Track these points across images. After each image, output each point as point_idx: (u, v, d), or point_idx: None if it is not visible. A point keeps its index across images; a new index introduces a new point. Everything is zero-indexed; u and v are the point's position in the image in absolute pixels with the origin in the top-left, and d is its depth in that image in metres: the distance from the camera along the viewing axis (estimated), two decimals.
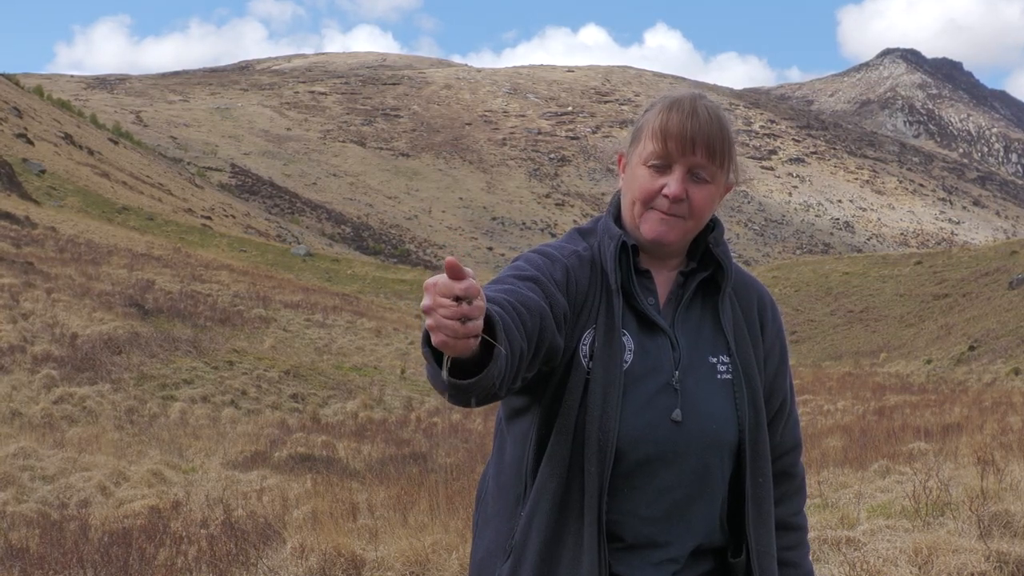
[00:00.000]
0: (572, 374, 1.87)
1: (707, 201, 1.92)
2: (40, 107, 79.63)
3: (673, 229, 1.91)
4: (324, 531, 6.40)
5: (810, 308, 46.68)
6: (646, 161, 1.92)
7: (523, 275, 1.83)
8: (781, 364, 2.04)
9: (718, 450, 1.90)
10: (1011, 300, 33.37)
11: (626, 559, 1.89)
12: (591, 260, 1.94)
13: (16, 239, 29.30)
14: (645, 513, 1.88)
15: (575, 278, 1.90)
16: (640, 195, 1.92)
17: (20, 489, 9.59)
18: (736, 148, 1.96)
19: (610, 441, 1.84)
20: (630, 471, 1.87)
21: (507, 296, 1.71)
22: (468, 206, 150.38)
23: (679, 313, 1.95)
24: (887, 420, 14.69)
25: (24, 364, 16.39)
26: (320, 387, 19.93)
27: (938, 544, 5.30)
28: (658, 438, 1.87)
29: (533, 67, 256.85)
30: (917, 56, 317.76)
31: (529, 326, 1.71)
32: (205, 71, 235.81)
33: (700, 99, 1.92)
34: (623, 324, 1.90)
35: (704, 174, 1.91)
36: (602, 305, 1.90)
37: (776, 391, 2.03)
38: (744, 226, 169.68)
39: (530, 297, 1.75)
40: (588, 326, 1.89)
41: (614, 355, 1.87)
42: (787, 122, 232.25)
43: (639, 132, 1.96)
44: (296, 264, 50.21)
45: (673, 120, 1.89)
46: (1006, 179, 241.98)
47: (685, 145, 1.89)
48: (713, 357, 1.94)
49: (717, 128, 1.90)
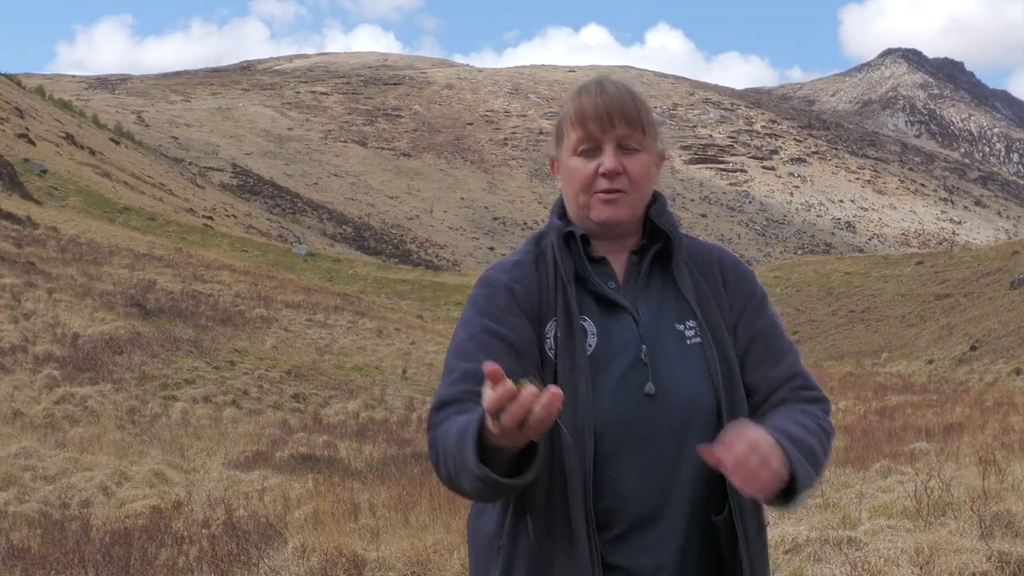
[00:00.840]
0: (543, 368, 1.90)
1: (643, 170, 1.95)
2: (42, 107, 79.72)
3: (620, 207, 1.94)
4: (325, 531, 6.40)
5: (811, 308, 46.67)
6: (575, 150, 1.96)
7: (483, 344, 1.87)
8: (747, 306, 2.00)
9: (697, 415, 1.88)
10: (1012, 300, 33.34)
11: (621, 549, 1.87)
12: (535, 261, 1.98)
13: (18, 239, 29.32)
14: (635, 495, 1.86)
15: (522, 287, 1.94)
16: (579, 184, 1.95)
17: (22, 489, 9.59)
18: (655, 117, 2.00)
19: (586, 427, 1.84)
20: (613, 454, 1.86)
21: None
22: (469, 206, 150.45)
23: (639, 290, 1.96)
24: (888, 420, 14.69)
25: (26, 364, 16.39)
26: (321, 387, 19.93)
27: (939, 544, 5.30)
28: (634, 415, 1.86)
29: (534, 67, 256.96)
30: (919, 56, 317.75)
31: None
32: (206, 71, 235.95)
33: (606, 79, 1.99)
34: (582, 310, 1.92)
35: (632, 143, 1.95)
36: (559, 297, 1.93)
37: (744, 329, 1.99)
38: (745, 226, 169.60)
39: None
40: (550, 318, 1.93)
41: (575, 341, 1.88)
42: (788, 122, 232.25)
43: (560, 129, 2.01)
44: (297, 264, 50.24)
45: (586, 102, 1.94)
46: (1007, 179, 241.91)
47: (603, 121, 1.93)
48: (680, 324, 1.94)
49: (629, 98, 1.95)
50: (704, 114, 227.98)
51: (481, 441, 1.65)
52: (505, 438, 1.60)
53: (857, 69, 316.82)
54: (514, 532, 1.88)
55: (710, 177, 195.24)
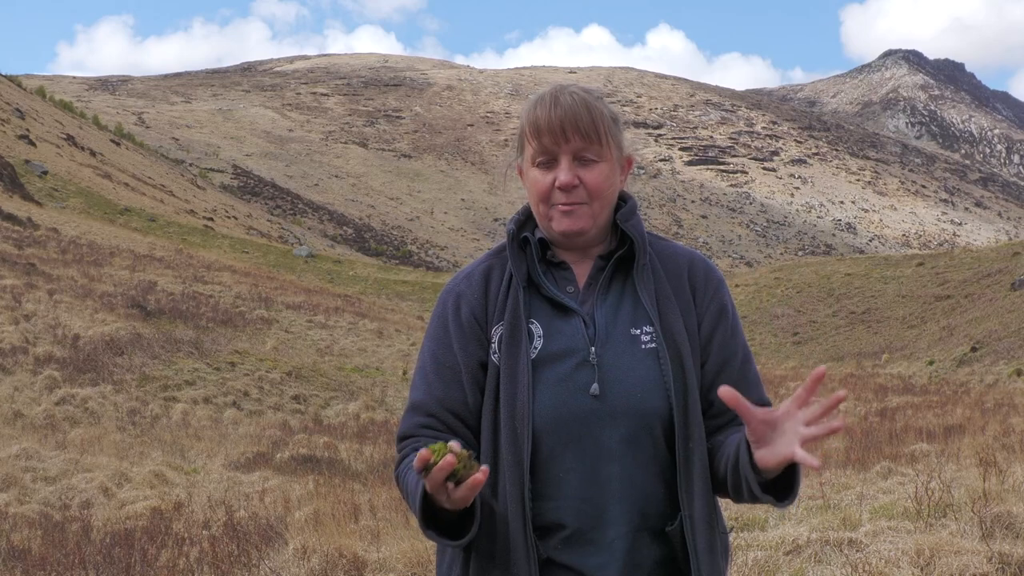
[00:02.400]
0: (489, 371, 1.94)
1: (602, 180, 1.95)
2: (42, 108, 79.75)
3: (579, 218, 1.95)
4: (326, 532, 6.41)
5: (812, 309, 46.66)
6: (533, 162, 1.98)
7: (429, 375, 1.98)
8: (719, 323, 2.00)
9: (646, 419, 1.89)
10: (1013, 301, 33.33)
11: (571, 548, 1.88)
12: (488, 270, 2.02)
13: (18, 240, 29.32)
14: (585, 494, 1.88)
15: (467, 299, 2.00)
16: (538, 195, 1.97)
17: (22, 490, 9.59)
18: (613, 123, 1.99)
19: (525, 427, 1.87)
20: (558, 454, 1.88)
21: (455, 430, 1.95)
22: (470, 207, 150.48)
23: (599, 295, 1.98)
24: (889, 421, 14.69)
25: (26, 365, 16.39)
26: (322, 388, 19.94)
27: (940, 545, 5.30)
28: (578, 414, 1.88)
29: (535, 68, 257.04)
30: (919, 57, 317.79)
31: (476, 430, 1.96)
32: (207, 72, 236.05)
33: (563, 89, 1.98)
34: (533, 314, 1.95)
35: (590, 155, 1.94)
36: (508, 301, 1.96)
37: (717, 350, 1.98)
38: (746, 227, 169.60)
39: (458, 405, 1.96)
40: (496, 323, 1.96)
41: (519, 344, 1.92)
42: (789, 123, 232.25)
43: (521, 138, 2.03)
44: (298, 265, 50.24)
45: (540, 116, 1.95)
46: (1008, 180, 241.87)
47: (557, 135, 1.93)
48: (636, 329, 1.94)
49: (584, 110, 1.94)
50: (705, 115, 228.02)
51: (428, 501, 1.79)
52: (442, 499, 1.74)
53: (858, 70, 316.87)
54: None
55: (711, 178, 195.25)
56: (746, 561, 5.62)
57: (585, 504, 1.88)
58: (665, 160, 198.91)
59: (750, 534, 6.49)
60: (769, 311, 47.05)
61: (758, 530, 6.66)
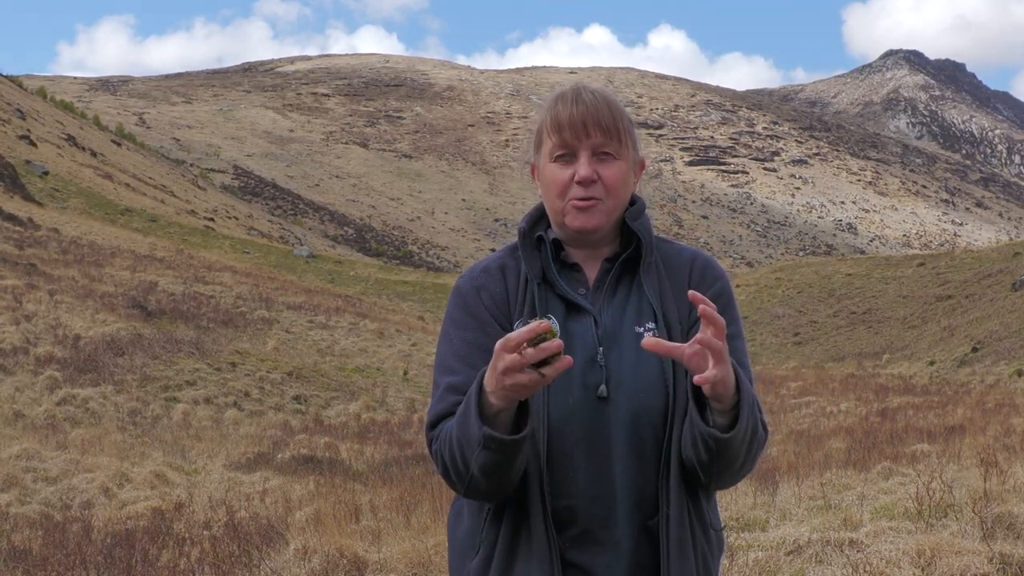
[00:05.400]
0: None
1: (619, 177, 1.99)
2: (43, 109, 79.77)
3: (594, 215, 1.98)
4: (327, 533, 6.41)
5: (813, 310, 46.67)
6: (552, 156, 2.00)
7: (464, 357, 1.97)
8: (733, 334, 1.98)
9: (649, 418, 1.92)
10: (1014, 302, 33.32)
11: (581, 547, 1.91)
12: (503, 267, 2.05)
13: (19, 241, 29.33)
14: (590, 494, 1.91)
15: (489, 292, 2.02)
16: (556, 190, 2.00)
17: (23, 490, 9.60)
18: (632, 125, 2.03)
19: (540, 425, 1.89)
20: (569, 453, 1.91)
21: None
22: (471, 207, 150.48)
23: (607, 294, 2.01)
24: (890, 422, 14.69)
25: (27, 366, 16.40)
26: (323, 389, 19.94)
27: (941, 546, 5.30)
28: (586, 416, 1.91)
29: (536, 69, 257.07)
30: (920, 57, 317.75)
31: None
32: (208, 73, 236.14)
33: (583, 87, 2.03)
34: (549, 312, 1.98)
35: (608, 151, 1.98)
36: (526, 297, 2.00)
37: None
38: (747, 227, 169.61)
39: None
40: (517, 319, 1.99)
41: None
42: (790, 123, 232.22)
43: (539, 135, 2.05)
44: (299, 266, 50.25)
45: (562, 111, 1.98)
46: (1009, 181, 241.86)
47: (578, 130, 1.97)
48: (639, 327, 1.97)
49: (605, 107, 1.98)
50: (705, 116, 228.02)
51: (481, 409, 1.79)
52: (506, 393, 1.74)
53: (859, 71, 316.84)
54: (489, 531, 1.94)
55: (712, 179, 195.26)
56: (747, 561, 5.62)
57: (593, 504, 1.91)
58: (666, 160, 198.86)
59: (751, 534, 6.50)
60: (770, 311, 47.06)
61: (759, 530, 6.67)
